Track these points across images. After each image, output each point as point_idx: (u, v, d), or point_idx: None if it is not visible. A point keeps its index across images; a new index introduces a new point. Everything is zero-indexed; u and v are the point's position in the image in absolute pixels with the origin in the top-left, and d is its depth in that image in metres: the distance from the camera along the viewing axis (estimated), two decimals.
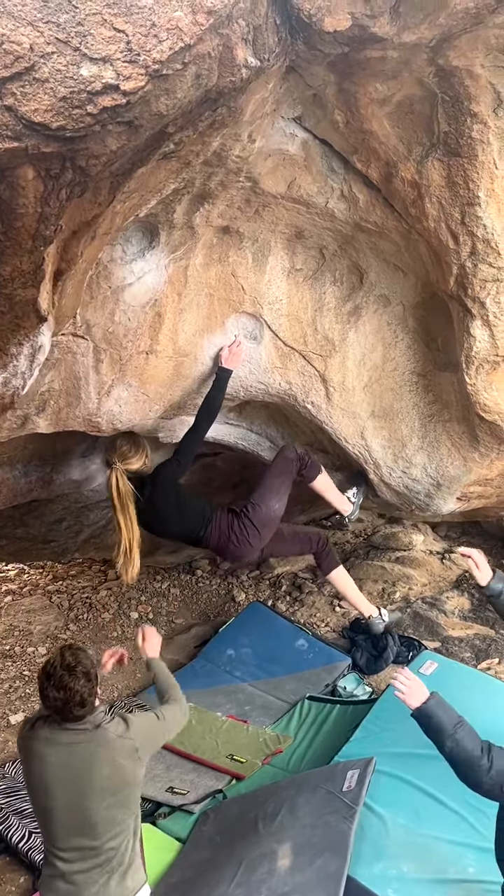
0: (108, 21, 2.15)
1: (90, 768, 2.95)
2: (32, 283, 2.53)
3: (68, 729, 2.97)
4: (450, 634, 6.92)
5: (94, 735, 2.97)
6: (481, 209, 3.49)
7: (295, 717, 5.96)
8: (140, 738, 3.06)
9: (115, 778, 2.98)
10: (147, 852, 4.60)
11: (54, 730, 2.99)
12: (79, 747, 2.96)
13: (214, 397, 4.24)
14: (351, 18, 2.62)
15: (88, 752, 2.96)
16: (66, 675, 2.90)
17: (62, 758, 2.96)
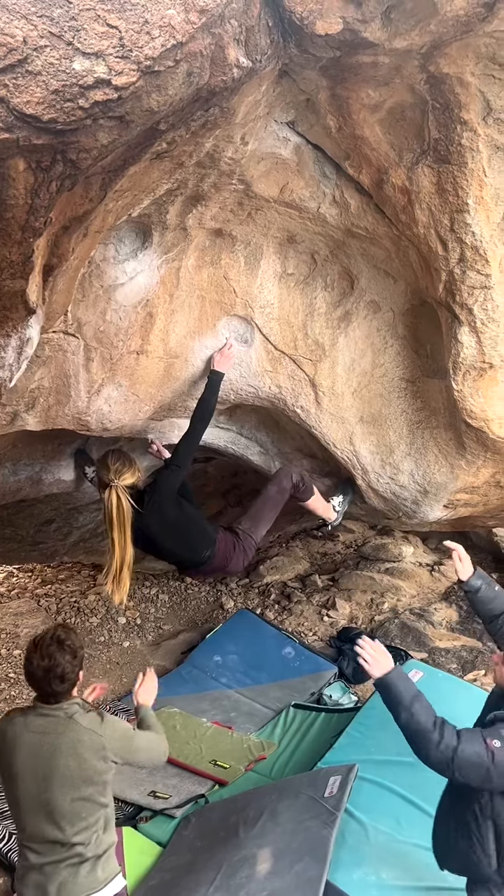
0: (101, 17, 2.18)
1: (55, 757, 2.96)
2: (21, 275, 2.55)
3: (42, 714, 2.99)
4: (437, 645, 6.93)
5: (65, 724, 2.99)
6: (470, 216, 3.53)
7: (280, 724, 5.96)
8: (110, 738, 3.06)
9: (79, 772, 2.99)
10: (128, 856, 4.61)
11: (28, 716, 3.02)
12: (48, 737, 2.98)
13: (208, 400, 4.23)
14: (342, 22, 2.65)
15: (56, 741, 2.97)
16: (55, 646, 2.95)
17: (32, 745, 2.98)
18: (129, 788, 5.21)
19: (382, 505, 4.93)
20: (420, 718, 3.03)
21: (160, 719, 5.86)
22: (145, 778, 5.39)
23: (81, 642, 3.10)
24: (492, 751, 2.93)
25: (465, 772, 2.95)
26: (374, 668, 3.21)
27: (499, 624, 3.66)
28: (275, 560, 8.74)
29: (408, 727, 3.07)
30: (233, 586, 8.47)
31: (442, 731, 3.00)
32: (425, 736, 3.00)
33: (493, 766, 2.91)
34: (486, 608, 3.72)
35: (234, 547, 4.34)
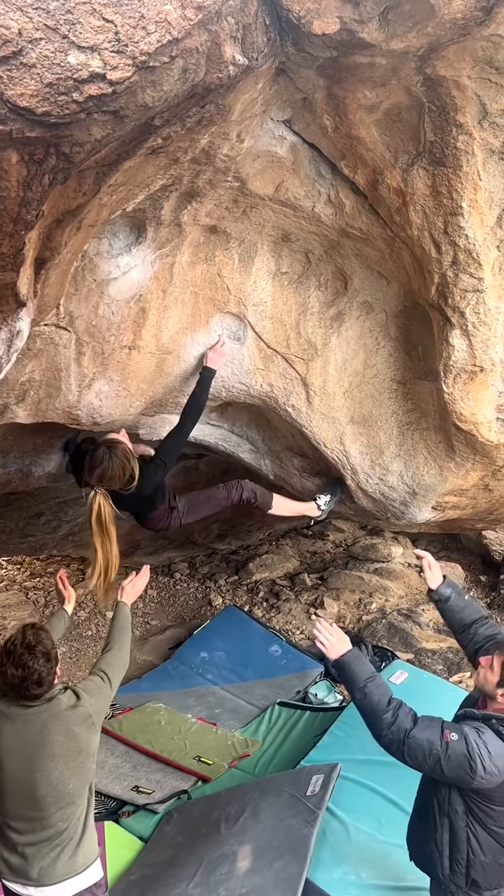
0: (97, 11, 2.17)
1: (43, 736, 2.99)
2: (12, 267, 2.54)
3: (24, 704, 3.02)
4: (423, 646, 6.95)
5: (48, 706, 3.02)
6: (464, 219, 3.53)
7: (264, 721, 5.98)
8: (92, 705, 3.12)
9: (69, 744, 3.02)
10: (109, 850, 4.62)
11: (10, 704, 3.03)
12: (32, 717, 3.01)
13: (198, 397, 4.23)
14: (339, 22, 2.65)
15: (42, 721, 3.01)
16: (26, 653, 2.94)
17: (17, 728, 3.01)
18: (112, 783, 5.23)
19: (371, 505, 4.94)
20: (373, 698, 3.10)
21: (145, 714, 5.91)
22: (128, 772, 5.40)
23: (52, 640, 3.10)
24: (447, 742, 2.98)
25: (415, 756, 3.01)
26: (330, 650, 3.29)
27: (470, 634, 3.61)
28: (264, 558, 8.75)
29: (362, 706, 3.16)
30: (221, 583, 8.48)
31: (396, 712, 3.06)
32: (378, 716, 3.07)
33: (445, 757, 2.96)
34: (455, 617, 3.70)
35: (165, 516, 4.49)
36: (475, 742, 2.96)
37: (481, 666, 3.21)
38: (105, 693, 3.23)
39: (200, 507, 4.64)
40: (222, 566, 8.89)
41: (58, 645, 3.39)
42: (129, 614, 3.70)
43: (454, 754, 2.95)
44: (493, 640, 3.48)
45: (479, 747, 2.95)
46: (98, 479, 3.97)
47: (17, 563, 8.86)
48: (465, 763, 2.94)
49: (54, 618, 3.98)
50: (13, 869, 3.09)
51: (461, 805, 3.12)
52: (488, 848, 3.12)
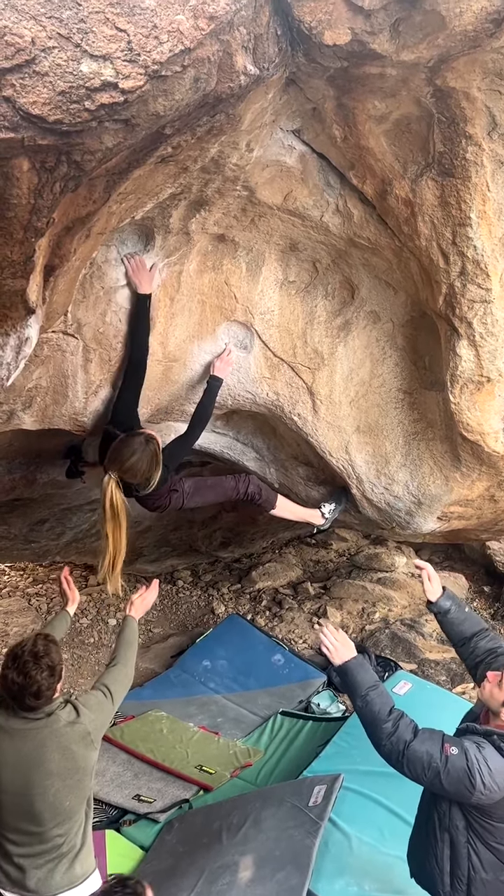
0: (110, 20, 2.18)
1: (41, 754, 2.95)
2: (22, 274, 2.55)
3: (22, 717, 2.98)
4: (427, 657, 6.93)
5: (46, 721, 2.98)
6: (472, 230, 3.54)
7: (267, 731, 5.96)
8: (92, 722, 3.07)
9: (66, 762, 2.98)
10: (110, 859, 4.59)
11: (9, 717, 3.00)
12: (30, 733, 2.97)
13: (206, 406, 4.22)
14: (351, 33, 2.66)
15: (40, 738, 2.96)
16: (31, 662, 2.90)
17: (15, 743, 2.97)
18: (114, 791, 5.21)
19: (376, 515, 4.93)
20: (374, 708, 3.10)
21: (147, 722, 5.88)
22: (130, 781, 5.38)
23: (60, 655, 3.06)
24: (447, 755, 2.96)
25: (414, 768, 2.99)
26: (335, 656, 3.29)
27: (470, 647, 3.57)
28: (267, 566, 8.74)
29: (362, 714, 3.16)
30: (224, 591, 8.47)
31: (397, 723, 3.05)
32: (378, 725, 3.07)
33: (444, 771, 2.94)
34: (455, 630, 3.66)
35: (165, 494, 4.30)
36: (475, 757, 2.94)
37: (488, 681, 3.18)
38: (106, 709, 3.18)
39: (206, 493, 4.55)
40: (225, 574, 8.88)
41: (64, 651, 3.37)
42: (136, 629, 3.65)
43: (453, 768, 2.93)
44: (493, 654, 3.46)
45: (478, 762, 2.93)
46: (119, 465, 3.84)
47: (20, 569, 8.86)
48: (464, 778, 2.91)
49: (56, 619, 3.92)
50: (11, 879, 3.07)
51: (462, 821, 3.09)
52: (489, 865, 3.09)
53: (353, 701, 3.23)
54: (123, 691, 3.33)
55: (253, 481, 4.59)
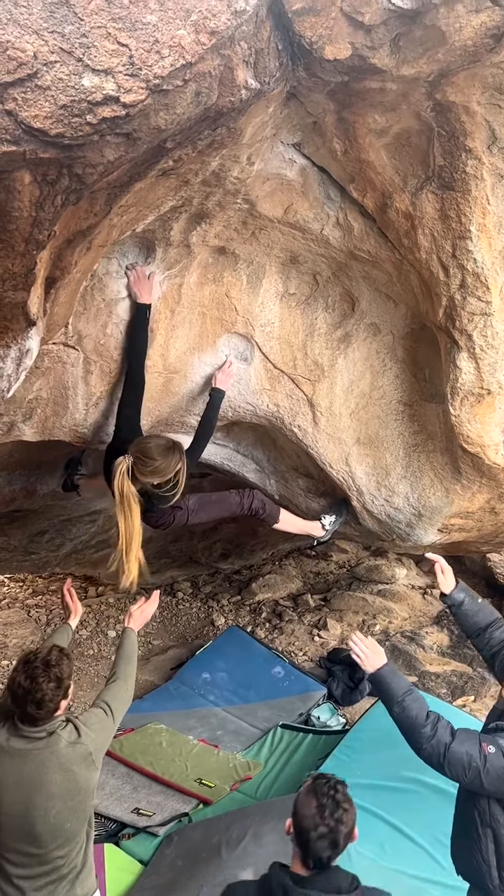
0: (112, 35, 2.20)
1: (42, 775, 2.91)
2: (23, 286, 2.55)
3: (23, 735, 2.93)
4: (427, 669, 6.91)
5: (47, 742, 2.94)
6: (472, 243, 3.55)
7: (267, 744, 5.93)
8: (93, 742, 3.03)
9: (68, 784, 2.94)
10: (109, 873, 4.56)
11: (11, 735, 2.95)
12: (31, 754, 2.92)
13: (210, 418, 4.22)
14: (351, 48, 2.68)
15: (41, 759, 2.92)
16: (41, 669, 2.88)
17: (16, 765, 2.92)
18: (113, 805, 5.18)
19: (377, 527, 4.93)
20: (411, 713, 3.14)
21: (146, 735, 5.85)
22: (129, 794, 5.35)
23: (71, 671, 3.03)
24: (485, 754, 3.02)
25: (455, 769, 3.04)
26: (367, 663, 3.34)
27: (486, 638, 3.64)
28: (267, 578, 8.72)
29: (400, 720, 3.19)
30: (224, 603, 8.45)
31: (435, 726, 3.10)
32: (417, 730, 3.11)
33: (484, 770, 3.00)
34: (470, 621, 3.72)
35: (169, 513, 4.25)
36: None
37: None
38: (107, 727, 3.14)
39: (210, 508, 4.50)
40: (225, 586, 8.86)
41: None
42: (135, 641, 3.61)
43: (493, 767, 3.00)
44: None
45: None
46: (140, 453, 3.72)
47: (20, 580, 8.84)
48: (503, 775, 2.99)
49: (57, 632, 3.86)
50: None
51: (502, 815, 3.14)
52: None
53: (388, 707, 3.27)
54: (124, 707, 3.29)
55: (257, 496, 4.58)
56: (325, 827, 2.46)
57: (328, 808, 2.49)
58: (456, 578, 3.80)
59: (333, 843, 2.47)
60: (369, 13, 2.57)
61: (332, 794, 2.54)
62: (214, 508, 4.53)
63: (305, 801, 2.55)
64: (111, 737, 3.19)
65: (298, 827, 2.53)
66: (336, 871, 2.51)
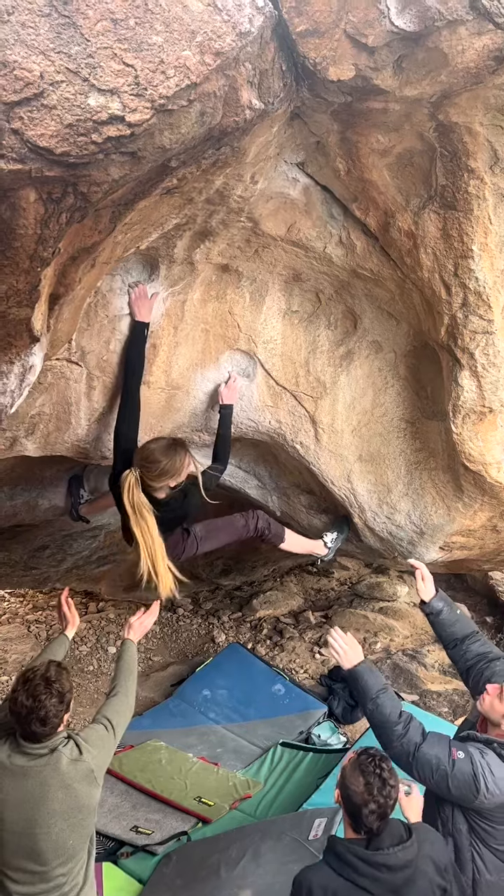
0: (118, 55, 2.22)
1: (44, 793, 2.90)
2: (27, 303, 2.56)
3: (25, 752, 2.93)
4: (428, 688, 6.88)
5: (49, 759, 2.93)
6: (474, 262, 3.56)
7: (267, 762, 5.90)
8: (95, 759, 3.02)
9: (70, 801, 2.93)
10: (107, 892, 4.53)
11: (13, 752, 2.94)
12: (33, 771, 2.91)
13: (225, 434, 4.23)
14: (355, 69, 2.70)
15: (43, 777, 2.91)
16: (42, 686, 2.88)
17: (17, 782, 2.91)
18: (111, 822, 5.14)
19: (378, 544, 4.92)
20: (385, 711, 3.21)
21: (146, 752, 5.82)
22: (128, 812, 5.32)
23: (71, 684, 3.03)
24: (454, 759, 3.06)
25: (423, 770, 3.09)
26: (344, 659, 3.40)
27: (462, 650, 3.65)
28: (268, 594, 8.70)
29: (372, 718, 3.26)
30: (225, 619, 8.42)
31: (407, 725, 3.16)
32: (389, 728, 3.17)
33: (451, 775, 3.03)
34: (447, 631, 3.74)
35: (179, 542, 4.24)
36: (480, 762, 3.05)
37: (488, 693, 3.27)
38: (108, 744, 3.13)
39: (219, 534, 4.48)
40: (226, 602, 8.84)
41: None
42: (135, 653, 3.60)
43: (460, 772, 3.03)
44: (485, 658, 3.56)
45: (482, 767, 3.04)
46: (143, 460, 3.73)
47: (20, 595, 8.82)
48: (470, 781, 3.02)
49: (54, 643, 3.79)
50: None
51: (464, 824, 3.17)
52: (493, 867, 3.15)
53: (362, 704, 3.32)
54: (125, 723, 3.28)
55: (261, 516, 4.57)
56: (375, 803, 2.70)
57: (376, 785, 2.72)
58: (436, 587, 3.84)
59: (382, 815, 2.71)
60: (373, 35, 2.60)
61: (378, 771, 2.75)
62: (223, 534, 4.50)
63: (353, 778, 2.78)
64: (112, 753, 3.17)
65: (348, 801, 2.77)
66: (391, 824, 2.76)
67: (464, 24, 2.59)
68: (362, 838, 2.75)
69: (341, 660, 3.41)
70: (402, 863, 2.69)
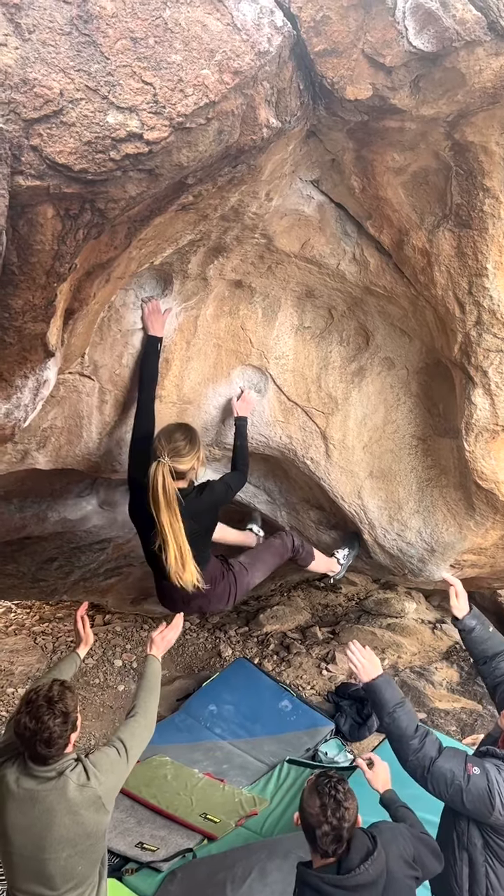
0: (137, 73, 2.24)
1: (50, 819, 2.84)
2: (43, 318, 2.57)
3: (33, 775, 2.87)
4: (436, 706, 6.83)
5: (56, 784, 2.86)
6: (489, 280, 3.56)
7: (273, 779, 5.86)
8: (103, 785, 2.94)
9: (76, 828, 2.87)
10: None
11: (21, 774, 2.89)
12: (40, 796, 2.85)
13: (242, 446, 4.20)
14: (372, 89, 2.71)
15: (49, 803, 2.85)
16: (45, 706, 2.82)
17: (24, 807, 2.86)
18: (116, 838, 5.11)
19: (388, 561, 4.90)
20: (401, 724, 3.22)
21: (151, 767, 5.79)
22: (133, 828, 5.28)
23: (76, 703, 2.96)
24: (469, 774, 3.06)
25: (437, 784, 3.09)
26: (362, 673, 3.41)
27: (491, 667, 3.66)
28: (275, 609, 8.66)
29: (389, 731, 3.27)
30: (231, 634, 8.39)
31: (423, 740, 3.17)
32: (405, 741, 3.18)
33: (465, 790, 3.04)
34: (478, 648, 3.74)
35: (221, 576, 4.05)
36: (496, 779, 3.05)
37: None
38: (119, 769, 3.03)
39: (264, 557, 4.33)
40: (232, 616, 8.81)
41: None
42: (158, 670, 3.48)
43: (475, 788, 3.03)
44: None
45: (499, 784, 3.03)
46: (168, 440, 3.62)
47: (27, 607, 8.81)
48: (485, 797, 3.02)
49: (64, 661, 3.74)
50: None
51: (479, 839, 3.17)
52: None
53: (380, 718, 3.34)
54: (142, 745, 3.19)
55: (294, 535, 4.54)
56: (329, 825, 2.71)
57: (330, 807, 2.73)
58: (470, 604, 3.82)
59: (337, 838, 2.71)
60: (390, 55, 2.60)
61: (333, 793, 2.77)
62: (267, 557, 4.38)
63: (309, 800, 2.80)
64: (124, 778, 3.09)
65: (305, 822, 2.79)
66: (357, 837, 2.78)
67: (481, 44, 2.60)
68: (332, 862, 2.74)
69: (360, 673, 3.42)
70: (375, 876, 2.71)
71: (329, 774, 2.88)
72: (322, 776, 2.88)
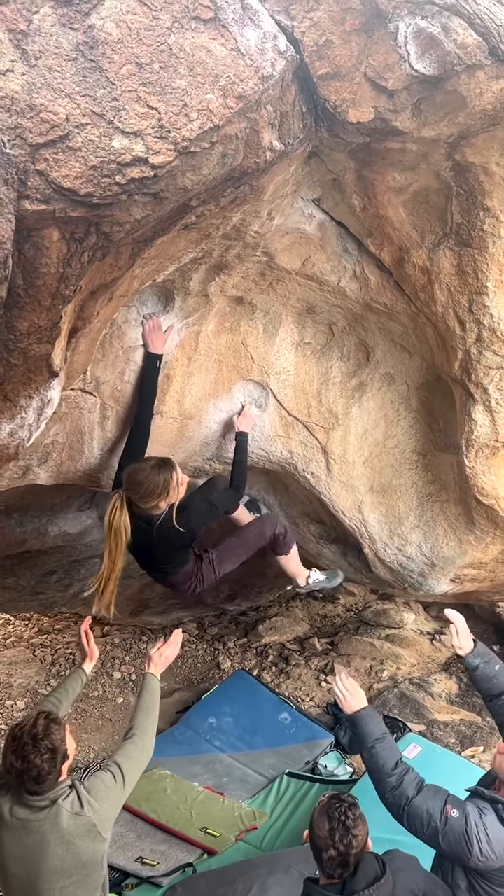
0: (142, 98, 2.26)
1: (43, 850, 2.77)
2: (48, 340, 2.58)
3: (26, 804, 2.79)
4: (435, 718, 6.81)
5: (49, 813, 2.78)
6: (489, 298, 3.58)
7: (273, 792, 5.83)
8: (98, 812, 2.85)
9: (70, 858, 2.79)
10: None
11: (14, 804, 2.81)
12: (33, 826, 2.77)
13: (242, 461, 4.19)
14: (374, 111, 2.73)
15: (42, 833, 2.77)
16: (30, 744, 2.72)
17: (18, 836, 2.79)
18: (116, 853, 5.09)
19: (389, 575, 4.91)
20: (379, 761, 3.16)
21: (151, 781, 5.76)
22: (133, 842, 5.26)
23: (63, 735, 2.85)
24: (447, 816, 2.98)
25: (414, 823, 3.04)
26: (345, 704, 3.38)
27: (498, 704, 3.54)
28: (274, 620, 8.65)
29: (368, 766, 3.24)
30: (230, 645, 8.37)
31: (402, 777, 3.10)
32: (383, 778, 3.13)
33: (442, 831, 2.97)
34: (484, 686, 3.62)
35: (194, 572, 4.13)
36: (475, 822, 2.97)
37: (499, 752, 3.19)
38: (115, 794, 2.93)
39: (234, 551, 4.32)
40: (231, 628, 8.79)
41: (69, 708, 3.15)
42: (156, 689, 3.39)
43: (452, 831, 2.97)
44: None
45: (477, 829, 2.96)
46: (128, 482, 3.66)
47: (25, 619, 8.79)
48: (462, 841, 2.95)
49: (70, 678, 3.65)
50: None
51: (464, 881, 3.09)
52: None
53: (360, 751, 3.34)
54: (139, 769, 3.11)
55: (279, 522, 4.46)
56: (335, 850, 2.68)
57: (339, 832, 2.70)
58: (475, 640, 3.69)
59: (344, 863, 2.69)
60: (392, 78, 2.63)
61: (342, 818, 2.73)
62: (238, 550, 4.35)
63: (319, 821, 2.77)
64: (121, 803, 2.99)
65: (313, 843, 2.77)
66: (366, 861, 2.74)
67: (482, 68, 2.63)
68: (336, 882, 2.72)
69: (343, 704, 3.38)
70: None
71: (341, 798, 2.83)
72: (334, 799, 2.83)
